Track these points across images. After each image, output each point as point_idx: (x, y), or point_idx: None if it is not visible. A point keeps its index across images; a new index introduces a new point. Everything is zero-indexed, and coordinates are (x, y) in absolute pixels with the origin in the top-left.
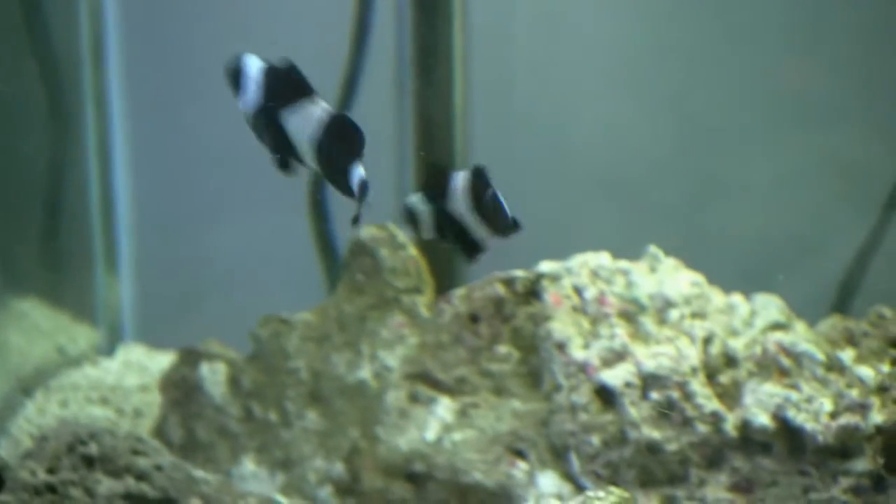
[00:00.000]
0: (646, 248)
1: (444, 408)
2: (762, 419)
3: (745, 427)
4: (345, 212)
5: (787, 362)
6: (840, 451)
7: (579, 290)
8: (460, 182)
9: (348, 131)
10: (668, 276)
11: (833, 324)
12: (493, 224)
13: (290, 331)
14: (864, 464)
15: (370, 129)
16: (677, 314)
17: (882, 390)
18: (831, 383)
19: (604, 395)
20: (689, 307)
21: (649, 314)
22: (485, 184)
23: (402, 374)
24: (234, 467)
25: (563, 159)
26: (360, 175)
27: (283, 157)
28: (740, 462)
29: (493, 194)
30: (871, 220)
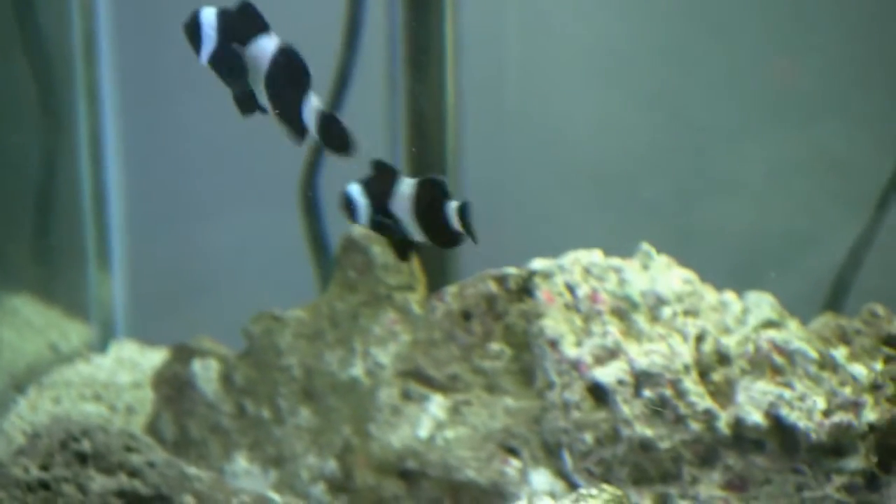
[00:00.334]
0: (638, 245)
1: (437, 405)
2: (755, 417)
3: (738, 425)
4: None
5: (779, 360)
6: (833, 450)
7: (572, 288)
8: (409, 188)
9: (293, 63)
10: (660, 274)
11: (826, 321)
12: (436, 237)
13: (283, 328)
14: (857, 462)
15: (362, 127)
16: (670, 312)
17: (875, 388)
18: (824, 381)
19: (596, 392)
20: (682, 305)
21: (642, 312)
22: (440, 195)
23: (394, 372)
24: (226, 464)
25: (555, 156)
26: (314, 106)
27: (242, 98)
28: (733, 460)
29: (448, 207)
30: (864, 218)
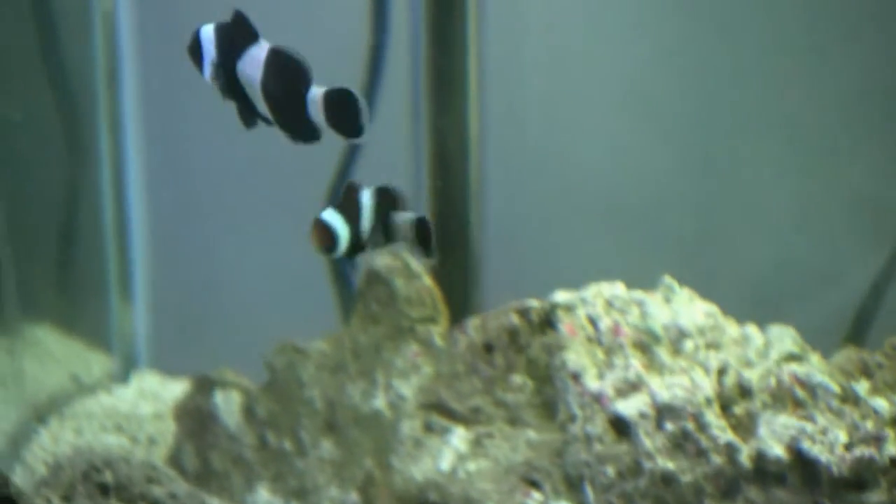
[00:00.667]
0: (660, 278)
1: (459, 437)
2: (777, 450)
3: (760, 458)
4: None
5: (801, 393)
6: (855, 483)
7: (594, 321)
8: (367, 199)
9: (288, 63)
10: (682, 307)
11: (847, 355)
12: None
13: (305, 360)
14: (878, 496)
15: (387, 161)
16: (692, 345)
17: None
18: (846, 415)
19: (618, 425)
20: (704, 338)
21: (664, 345)
22: (390, 203)
23: (416, 404)
24: (248, 496)
25: (577, 188)
26: (316, 94)
27: (244, 111)
28: (754, 493)
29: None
30: (886, 251)
